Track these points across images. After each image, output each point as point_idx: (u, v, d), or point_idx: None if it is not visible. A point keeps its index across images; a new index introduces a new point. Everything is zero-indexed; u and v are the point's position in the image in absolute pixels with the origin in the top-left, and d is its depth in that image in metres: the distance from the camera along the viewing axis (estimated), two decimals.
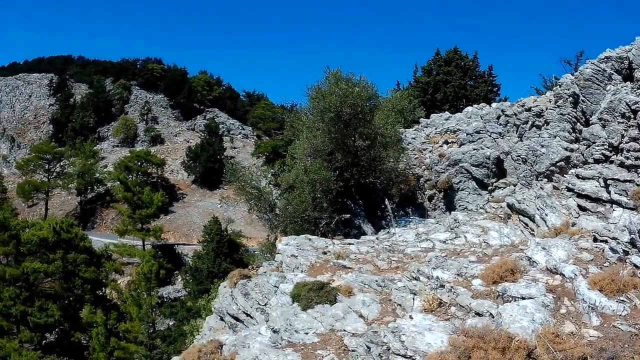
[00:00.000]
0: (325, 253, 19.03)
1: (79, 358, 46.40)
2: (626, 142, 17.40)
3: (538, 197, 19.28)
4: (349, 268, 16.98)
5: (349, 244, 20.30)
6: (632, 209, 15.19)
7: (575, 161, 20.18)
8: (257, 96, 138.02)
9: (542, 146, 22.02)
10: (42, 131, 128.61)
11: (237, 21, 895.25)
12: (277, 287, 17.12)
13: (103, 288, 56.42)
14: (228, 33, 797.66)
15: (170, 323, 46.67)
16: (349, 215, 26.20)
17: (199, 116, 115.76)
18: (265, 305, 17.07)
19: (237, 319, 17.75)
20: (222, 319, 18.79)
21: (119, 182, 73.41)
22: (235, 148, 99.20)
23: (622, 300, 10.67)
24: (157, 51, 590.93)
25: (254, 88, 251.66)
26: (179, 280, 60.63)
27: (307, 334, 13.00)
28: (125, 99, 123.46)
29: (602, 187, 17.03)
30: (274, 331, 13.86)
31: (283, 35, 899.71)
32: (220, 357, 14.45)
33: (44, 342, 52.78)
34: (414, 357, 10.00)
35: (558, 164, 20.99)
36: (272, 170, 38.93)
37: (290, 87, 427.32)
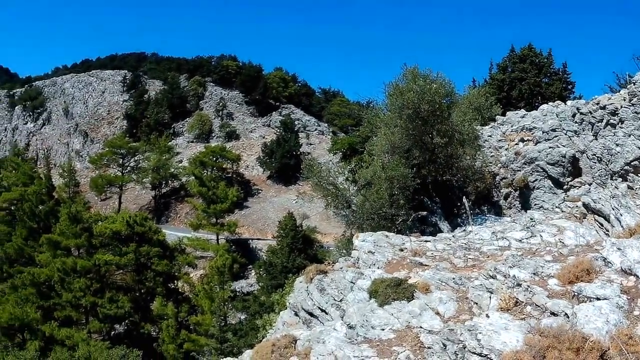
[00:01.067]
0: (401, 250, 19.06)
1: (148, 349, 47.42)
2: None
3: (613, 197, 18.83)
4: (426, 265, 16.93)
5: (426, 241, 20.24)
6: None
7: None
8: (332, 93, 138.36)
9: (617, 145, 21.86)
10: (115, 126, 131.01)
11: (314, 19, 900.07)
12: (354, 283, 17.27)
13: (175, 281, 57.17)
14: (305, 28, 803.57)
15: (242, 317, 46.91)
16: (425, 212, 26.29)
17: (274, 112, 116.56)
18: (340, 301, 17.24)
19: (311, 315, 18.02)
20: (296, 314, 19.08)
21: (193, 177, 74.88)
22: (311, 144, 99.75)
23: None
24: (231, 48, 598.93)
25: (329, 85, 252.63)
26: (253, 274, 61.08)
27: (383, 330, 12.97)
28: (200, 95, 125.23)
29: None
30: (350, 327, 13.83)
31: (357, 31, 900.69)
32: (294, 352, 14.62)
33: (112, 332, 54.30)
34: (489, 356, 10.00)
35: (632, 163, 20.84)
36: (349, 167, 39.75)
37: (363, 84, 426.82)
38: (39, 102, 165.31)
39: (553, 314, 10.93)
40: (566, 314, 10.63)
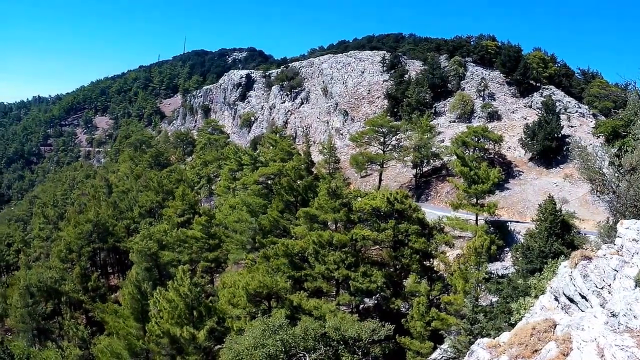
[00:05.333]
0: None
1: (396, 324, 46.47)
2: None
3: None
4: None
5: None
6: None
7: None
8: (591, 74, 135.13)
9: None
10: (376, 106, 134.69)
11: None
12: (617, 271, 17.30)
13: (431, 259, 56.99)
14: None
15: (494, 299, 47.25)
16: None
17: (535, 93, 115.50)
18: (602, 288, 17.32)
19: (571, 300, 18.35)
20: (556, 299, 19.48)
21: (455, 157, 75.09)
22: (572, 127, 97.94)
23: None
24: (488, 28, 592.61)
25: (587, 65, 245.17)
26: (509, 257, 60.43)
27: None
28: (461, 75, 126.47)
29: None
30: (612, 315, 14.13)
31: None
32: (552, 337, 15.46)
33: (361, 306, 56.76)
34: None
35: None
36: (612, 151, 39.14)
37: (624, 65, 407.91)
38: (296, 82, 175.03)
39: None
40: None
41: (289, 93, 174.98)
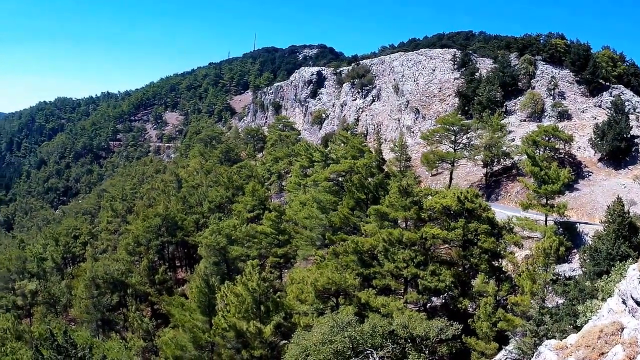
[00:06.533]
0: None
1: (463, 324, 45.76)
2: None
3: None
4: None
5: None
6: None
7: None
8: None
9: None
10: (447, 104, 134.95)
11: None
12: None
13: (499, 259, 56.44)
14: None
15: (560, 301, 46.21)
16: None
17: (604, 93, 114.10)
18: None
19: (638, 304, 18.00)
20: (623, 302, 19.14)
21: (526, 156, 74.52)
22: None
23: None
24: (556, 26, 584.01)
25: None
26: (576, 259, 59.35)
27: None
28: (531, 73, 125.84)
29: None
30: None
31: None
32: (619, 340, 15.53)
33: (428, 305, 56.27)
34: None
35: None
36: None
37: None
38: (367, 79, 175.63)
39: None
40: None
41: (360, 90, 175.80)
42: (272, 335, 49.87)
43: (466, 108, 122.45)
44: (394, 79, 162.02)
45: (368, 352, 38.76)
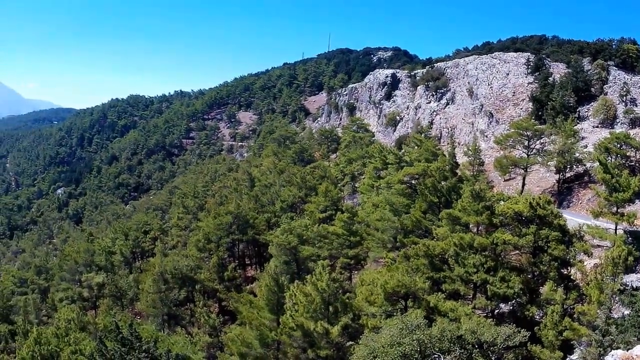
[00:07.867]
0: None
1: (529, 331, 44.59)
2: None
3: None
4: None
5: None
6: None
7: None
8: None
9: None
10: (521, 108, 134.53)
11: None
12: None
13: (569, 267, 55.10)
14: None
15: (626, 312, 44.04)
16: None
17: None
18: None
19: None
20: None
21: (598, 163, 72.57)
22: None
23: None
24: (629, 31, 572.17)
25: None
26: None
27: None
28: (604, 79, 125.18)
29: None
30: None
31: None
32: None
33: (496, 311, 54.72)
34: None
35: None
36: None
37: None
38: (442, 82, 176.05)
39: None
40: None
41: (434, 93, 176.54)
42: (339, 336, 49.95)
43: (539, 113, 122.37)
44: (468, 82, 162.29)
45: (435, 356, 38.81)
